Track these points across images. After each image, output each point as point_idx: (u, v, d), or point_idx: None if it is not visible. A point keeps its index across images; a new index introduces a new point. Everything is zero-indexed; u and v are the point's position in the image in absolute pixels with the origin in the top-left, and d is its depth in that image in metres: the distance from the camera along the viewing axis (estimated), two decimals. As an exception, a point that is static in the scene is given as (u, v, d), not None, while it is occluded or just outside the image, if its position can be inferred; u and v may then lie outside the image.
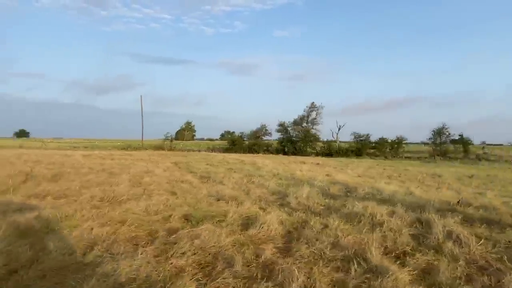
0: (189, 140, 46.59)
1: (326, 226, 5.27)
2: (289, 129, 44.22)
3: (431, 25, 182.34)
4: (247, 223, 5.42)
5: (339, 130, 44.97)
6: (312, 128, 44.42)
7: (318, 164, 21.73)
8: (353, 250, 4.20)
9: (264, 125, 45.15)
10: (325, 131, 50.52)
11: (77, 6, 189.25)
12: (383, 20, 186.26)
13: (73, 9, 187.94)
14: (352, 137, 43.82)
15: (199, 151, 38.68)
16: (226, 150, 41.63)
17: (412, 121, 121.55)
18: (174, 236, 4.63)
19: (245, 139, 44.87)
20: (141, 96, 49.79)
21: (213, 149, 42.90)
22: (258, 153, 38.50)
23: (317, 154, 39.57)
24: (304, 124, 44.49)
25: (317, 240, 4.57)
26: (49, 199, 7.28)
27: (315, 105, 44.58)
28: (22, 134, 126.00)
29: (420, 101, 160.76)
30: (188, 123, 49.58)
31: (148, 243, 4.46)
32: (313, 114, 44.70)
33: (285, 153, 39.52)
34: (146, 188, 8.70)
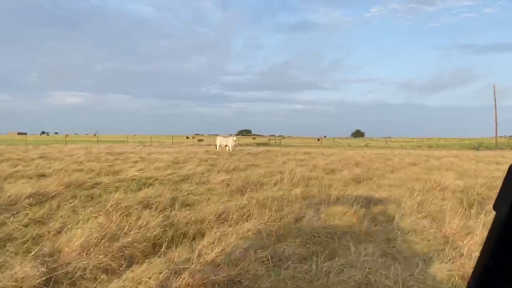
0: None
1: None
2: None
3: None
4: None
5: None
6: None
7: None
8: None
9: None
10: None
11: (404, 8, 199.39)
12: None
13: (400, 12, 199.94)
14: None
15: None
16: None
17: None
18: None
19: None
20: (493, 86, 44.03)
21: None
22: None
23: None
24: None
25: None
26: None
27: None
28: (358, 134, 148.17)
29: None
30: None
31: None
32: None
33: None
34: None
